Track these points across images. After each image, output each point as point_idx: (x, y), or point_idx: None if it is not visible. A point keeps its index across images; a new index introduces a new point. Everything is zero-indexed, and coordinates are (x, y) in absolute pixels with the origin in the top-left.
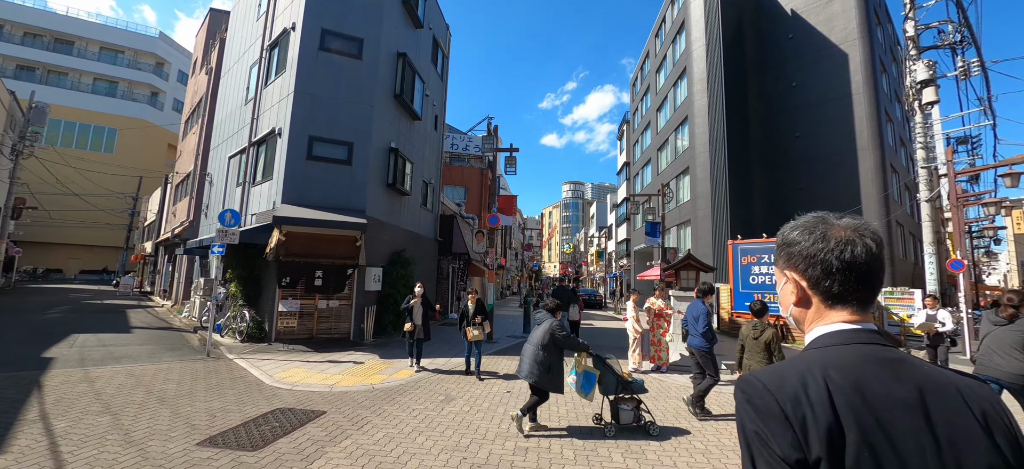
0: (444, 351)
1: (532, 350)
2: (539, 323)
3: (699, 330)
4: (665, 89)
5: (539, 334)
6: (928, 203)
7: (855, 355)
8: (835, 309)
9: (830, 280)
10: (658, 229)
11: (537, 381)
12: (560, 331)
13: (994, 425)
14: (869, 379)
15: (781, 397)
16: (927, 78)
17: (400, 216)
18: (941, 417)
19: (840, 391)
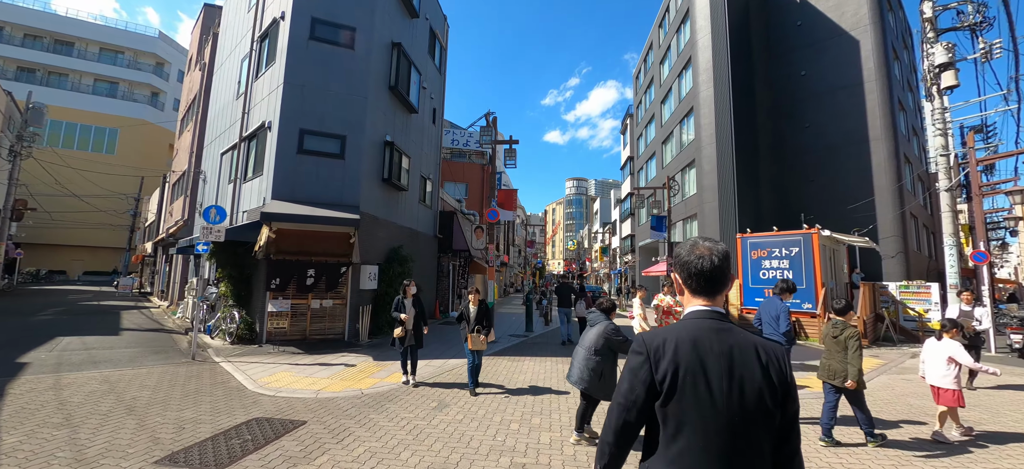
0: (441, 351)
1: (583, 354)
2: (591, 324)
3: (780, 330)
4: (669, 80)
5: (592, 337)
6: (947, 193)
7: (700, 324)
8: (696, 297)
9: (692, 280)
10: (664, 223)
11: (589, 388)
12: (615, 335)
13: (770, 365)
14: (702, 338)
15: (651, 347)
16: (946, 62)
17: (397, 212)
18: (739, 360)
19: (683, 343)
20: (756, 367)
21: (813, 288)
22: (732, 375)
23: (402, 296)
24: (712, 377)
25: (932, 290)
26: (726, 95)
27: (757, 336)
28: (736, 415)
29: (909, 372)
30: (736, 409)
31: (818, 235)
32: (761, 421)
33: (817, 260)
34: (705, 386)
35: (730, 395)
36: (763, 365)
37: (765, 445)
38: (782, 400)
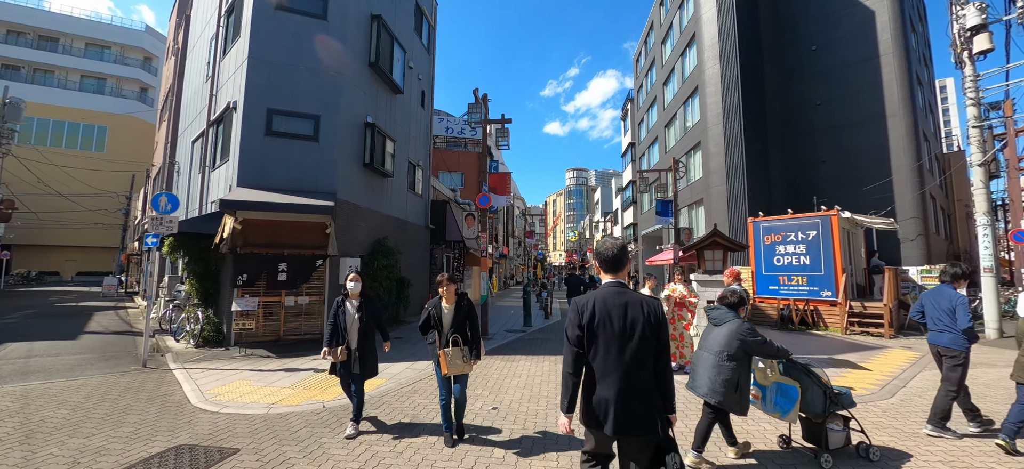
0: (424, 352)
1: (712, 360)
2: (717, 323)
3: (961, 325)
4: (672, 60)
5: (721, 339)
6: (981, 168)
7: (607, 289)
8: (605, 274)
9: (603, 263)
10: (670, 208)
11: (724, 401)
12: (752, 337)
13: (650, 312)
14: (608, 297)
15: (581, 307)
16: (978, 24)
17: (382, 200)
18: (631, 309)
19: (598, 301)
20: (640, 313)
21: (833, 274)
22: (626, 317)
23: (342, 297)
24: (614, 319)
25: None
26: (733, 71)
27: (653, 298)
28: (629, 339)
29: None
30: (629, 335)
31: (838, 217)
32: (645, 343)
33: (837, 244)
34: (609, 324)
35: (624, 328)
36: (645, 312)
37: (648, 357)
38: (656, 331)
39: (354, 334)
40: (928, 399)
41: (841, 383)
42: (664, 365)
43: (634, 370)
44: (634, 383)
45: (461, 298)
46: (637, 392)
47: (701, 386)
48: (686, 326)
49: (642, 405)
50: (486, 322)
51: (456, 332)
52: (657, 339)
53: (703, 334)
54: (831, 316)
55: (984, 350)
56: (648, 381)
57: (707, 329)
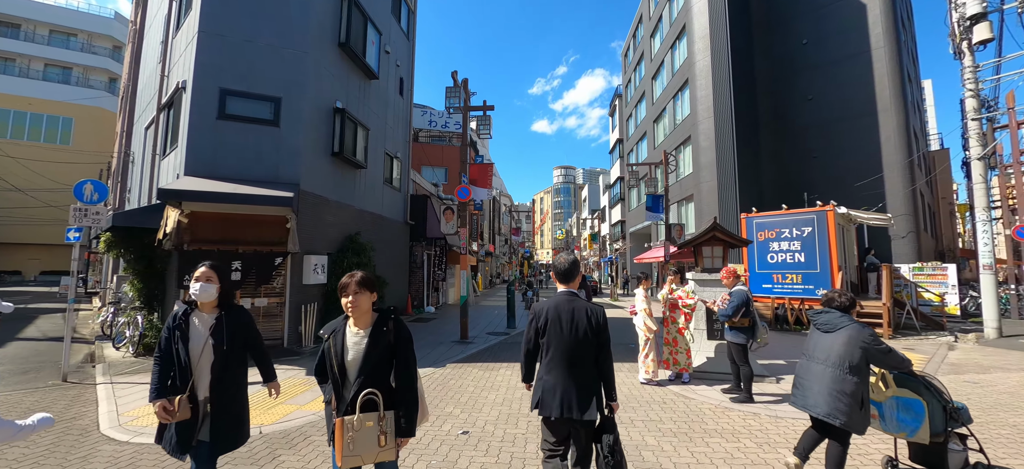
0: None
1: (830, 374)
2: (827, 329)
3: None
4: (662, 53)
5: (839, 349)
6: (980, 161)
7: (560, 297)
8: (560, 284)
9: (557, 275)
10: (661, 203)
11: (849, 422)
12: (876, 344)
13: (590, 316)
14: (560, 304)
15: (537, 311)
16: (979, 12)
17: (354, 193)
18: (577, 314)
19: (550, 307)
20: (584, 318)
21: (828, 272)
22: (573, 320)
23: (184, 309)
24: (564, 322)
25: (949, 272)
26: (725, 63)
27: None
28: (574, 339)
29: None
30: (575, 336)
31: (834, 212)
32: (587, 343)
33: (832, 241)
34: (559, 326)
35: (572, 330)
36: (588, 317)
37: (590, 355)
38: (597, 333)
39: (204, 373)
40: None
41: None
42: (604, 361)
43: (578, 365)
44: (578, 376)
45: (383, 319)
46: (580, 383)
47: (818, 405)
48: (681, 329)
49: (584, 394)
50: (466, 324)
51: (370, 385)
52: (598, 339)
53: (809, 343)
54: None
55: (987, 351)
56: (590, 374)
57: (813, 337)
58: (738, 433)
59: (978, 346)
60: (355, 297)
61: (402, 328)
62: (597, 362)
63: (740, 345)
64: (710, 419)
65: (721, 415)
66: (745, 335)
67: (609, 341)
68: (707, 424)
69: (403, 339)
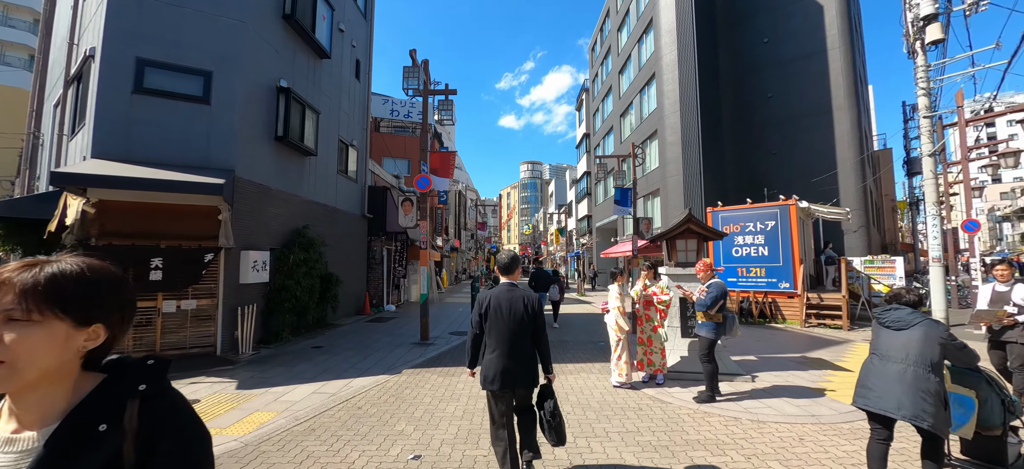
0: (349, 365)
1: (912, 373)
2: (900, 327)
3: None
4: (629, 47)
5: (917, 346)
6: (931, 158)
7: (502, 288)
8: (502, 276)
9: (501, 269)
10: (629, 196)
11: (934, 423)
12: (952, 341)
13: (526, 303)
14: (501, 294)
15: (482, 300)
16: (931, 13)
17: (302, 183)
18: (516, 302)
19: (493, 296)
20: (522, 304)
21: (791, 265)
22: (512, 308)
23: None
24: (503, 309)
25: (897, 264)
26: (691, 57)
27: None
28: (513, 323)
29: None
30: (513, 320)
31: (796, 207)
32: (525, 325)
33: (795, 234)
34: (500, 312)
35: (511, 315)
36: (525, 304)
37: (527, 335)
38: (533, 317)
39: None
40: None
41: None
42: (540, 339)
43: (517, 343)
44: (518, 352)
45: (105, 400)
46: (520, 358)
47: (903, 406)
48: (655, 328)
49: (524, 367)
50: (426, 324)
51: None
52: (534, 323)
53: (878, 342)
54: (789, 308)
55: None
56: (528, 350)
57: (882, 335)
58: (722, 445)
59: None
60: None
61: (174, 420)
62: (534, 341)
63: (710, 340)
64: (690, 427)
65: (701, 422)
66: (717, 330)
67: (544, 324)
68: (688, 433)
69: (173, 453)
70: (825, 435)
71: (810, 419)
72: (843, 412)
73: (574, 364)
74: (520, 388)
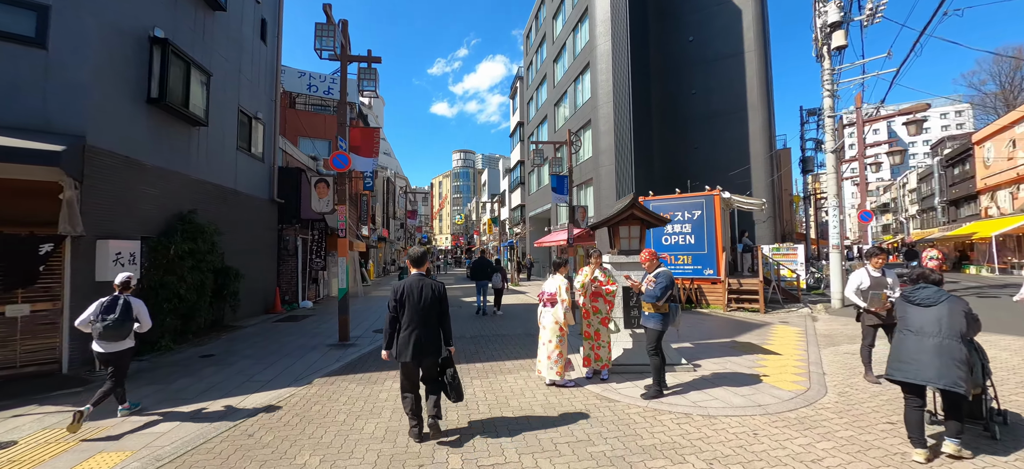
0: (238, 380)
1: (948, 346)
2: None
3: None
4: (564, 35)
5: (948, 319)
6: (833, 154)
7: (413, 278)
8: (412, 267)
9: (411, 261)
10: (565, 184)
11: (964, 387)
12: (972, 313)
13: (433, 289)
14: (413, 283)
15: (397, 288)
16: (837, 20)
17: (189, 158)
18: (425, 289)
19: (407, 285)
20: (430, 291)
21: (714, 253)
22: (422, 294)
23: None
24: (415, 295)
25: (799, 251)
26: (624, 49)
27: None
28: (423, 306)
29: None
30: (423, 303)
31: (719, 198)
32: (432, 308)
33: (718, 223)
34: (412, 297)
35: (421, 299)
36: (432, 290)
37: (434, 316)
38: (438, 300)
39: None
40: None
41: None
42: (444, 319)
43: (426, 322)
44: (426, 329)
45: None
46: (428, 334)
47: (943, 376)
48: (603, 320)
49: (431, 341)
50: (346, 323)
51: None
52: (440, 305)
53: (910, 319)
54: (713, 294)
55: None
56: (435, 327)
57: (912, 313)
58: (680, 448)
59: (829, 315)
60: None
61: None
62: (439, 320)
63: (657, 332)
64: (643, 428)
65: (653, 422)
66: (664, 321)
67: (448, 306)
68: (642, 438)
69: None
70: (776, 427)
71: (757, 410)
72: (784, 399)
73: (512, 361)
74: (426, 359)
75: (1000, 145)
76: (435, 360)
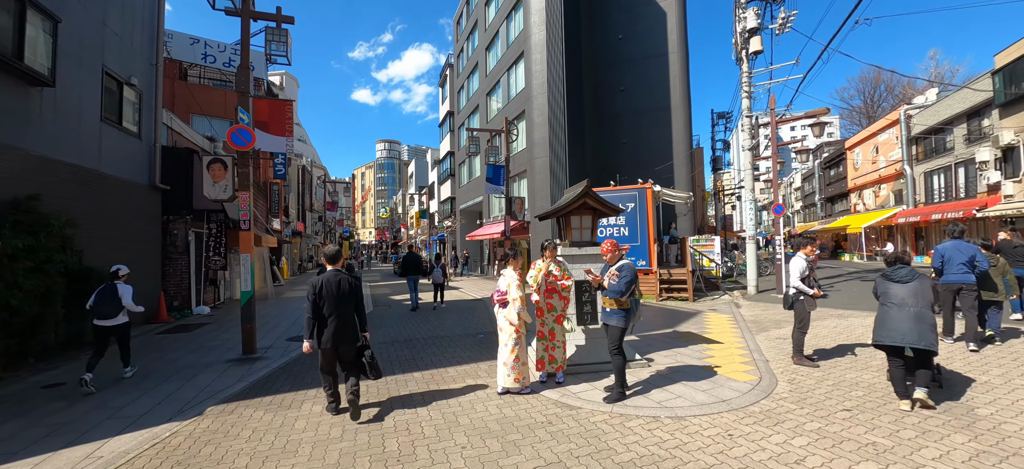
0: (91, 423)
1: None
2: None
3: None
4: (497, 22)
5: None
6: (750, 152)
7: (330, 273)
8: (328, 264)
9: (326, 258)
10: (502, 173)
11: (933, 343)
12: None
13: (349, 284)
14: (330, 278)
15: (315, 283)
16: (755, 27)
17: (26, 128)
18: (341, 284)
19: (325, 280)
20: (347, 285)
21: (647, 244)
22: (338, 288)
23: None
24: (332, 288)
25: (715, 242)
26: (559, 39)
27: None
28: (339, 297)
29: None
30: (341, 296)
31: (651, 191)
32: (348, 299)
33: (650, 216)
34: (330, 291)
35: (338, 293)
36: (348, 284)
37: (350, 306)
38: (353, 293)
39: None
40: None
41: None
42: (359, 309)
43: (342, 313)
44: (343, 319)
45: None
46: (345, 323)
47: (923, 338)
48: (558, 319)
49: (348, 329)
50: (251, 332)
51: None
52: (355, 297)
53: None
54: (645, 284)
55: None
56: (351, 318)
57: (893, 289)
58: (660, 461)
59: (749, 301)
60: None
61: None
62: (355, 310)
63: (620, 329)
64: (615, 440)
65: (623, 431)
66: (627, 317)
67: (362, 297)
68: (617, 453)
69: None
70: (746, 424)
71: (723, 406)
72: (743, 392)
73: (457, 367)
74: (344, 345)
75: (867, 151)
76: (353, 346)
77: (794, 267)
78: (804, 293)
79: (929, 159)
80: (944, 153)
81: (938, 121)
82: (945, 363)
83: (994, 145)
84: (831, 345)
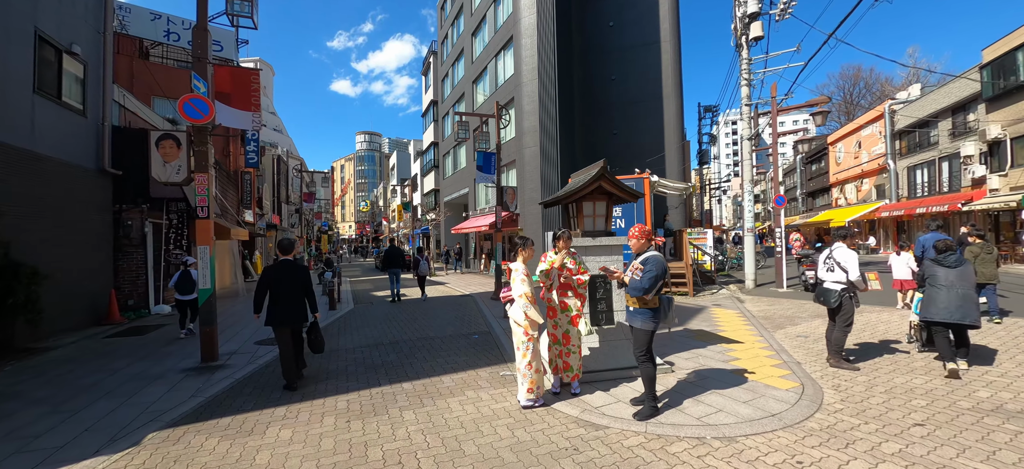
0: (30, 437)
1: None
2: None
3: None
4: (484, 7)
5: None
6: (749, 141)
7: (282, 263)
8: (281, 254)
9: (280, 248)
10: (493, 161)
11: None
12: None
13: (298, 271)
14: (281, 266)
15: (269, 271)
16: (755, 12)
17: None
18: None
19: (278, 267)
20: (297, 274)
21: None
22: (290, 276)
23: None
24: (284, 277)
25: (707, 235)
26: (550, 23)
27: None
28: (291, 284)
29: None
30: (291, 283)
31: (649, 181)
32: (297, 285)
33: (648, 207)
34: (284, 275)
35: (290, 280)
36: (298, 271)
37: (299, 290)
38: (302, 281)
39: None
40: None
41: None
42: (307, 294)
43: (292, 296)
44: (293, 302)
45: None
46: (295, 306)
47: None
48: (574, 319)
49: (297, 310)
50: (213, 335)
51: None
52: (303, 284)
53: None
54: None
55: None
56: (300, 300)
57: (944, 273)
58: None
59: (750, 296)
60: None
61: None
62: (304, 295)
63: (648, 332)
64: None
65: (670, 460)
66: (655, 317)
67: (311, 284)
68: None
69: None
70: (813, 448)
71: (775, 422)
72: (790, 403)
73: (452, 375)
74: (294, 325)
75: (849, 145)
76: (301, 325)
77: (850, 259)
78: (857, 288)
79: (913, 154)
80: (928, 148)
81: (923, 115)
82: None
83: (980, 139)
84: (852, 343)
